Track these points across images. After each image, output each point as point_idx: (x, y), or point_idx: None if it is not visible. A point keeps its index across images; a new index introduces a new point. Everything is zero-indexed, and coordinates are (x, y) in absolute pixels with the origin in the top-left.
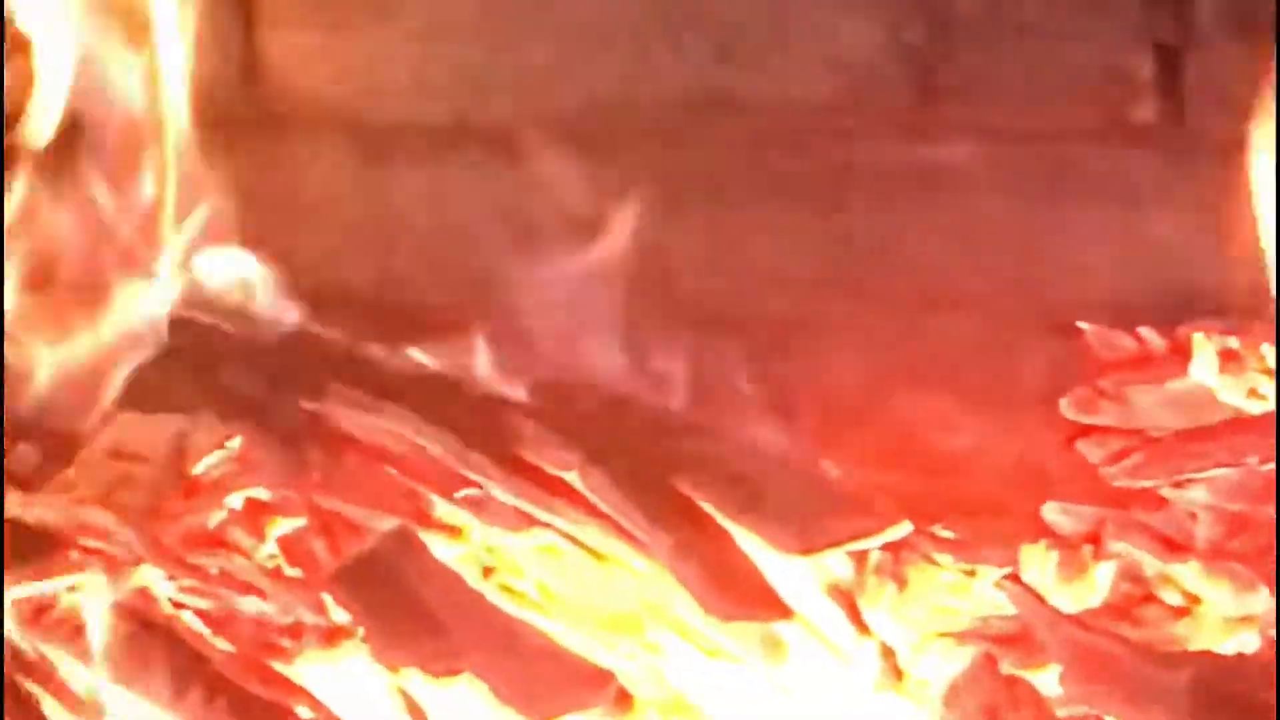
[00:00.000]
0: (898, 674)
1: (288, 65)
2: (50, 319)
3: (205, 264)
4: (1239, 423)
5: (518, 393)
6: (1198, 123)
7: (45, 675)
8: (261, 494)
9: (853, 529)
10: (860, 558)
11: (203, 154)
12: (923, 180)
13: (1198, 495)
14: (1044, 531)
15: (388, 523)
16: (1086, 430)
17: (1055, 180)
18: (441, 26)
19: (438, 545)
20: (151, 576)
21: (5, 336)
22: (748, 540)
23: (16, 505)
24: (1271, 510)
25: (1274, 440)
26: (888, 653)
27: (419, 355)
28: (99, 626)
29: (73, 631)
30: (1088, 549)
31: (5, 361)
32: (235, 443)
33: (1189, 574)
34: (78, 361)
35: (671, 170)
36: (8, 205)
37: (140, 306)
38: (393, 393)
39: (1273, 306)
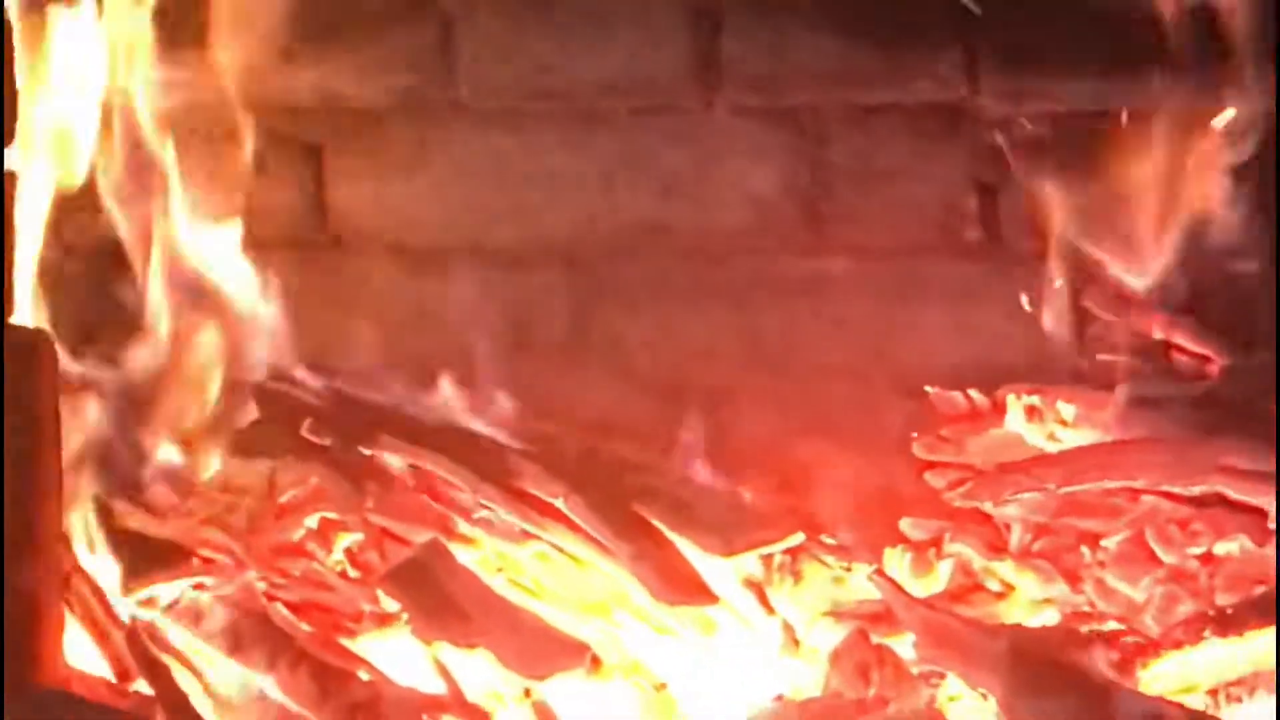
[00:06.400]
0: (795, 643)
1: (347, 204)
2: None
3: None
4: (1042, 459)
5: (516, 441)
6: (1011, 242)
7: (172, 649)
8: (331, 516)
9: (762, 538)
10: (768, 559)
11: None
12: (810, 285)
13: (1011, 511)
14: (901, 539)
15: (424, 536)
16: (932, 465)
17: (907, 284)
18: (460, 176)
19: (460, 553)
20: (251, 577)
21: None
22: (686, 547)
23: (154, 527)
24: (1067, 522)
25: (1066, 470)
26: (788, 628)
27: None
28: (213, 613)
29: (195, 617)
30: (932, 551)
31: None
32: (311, 479)
33: (1006, 569)
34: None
35: (630, 279)
36: None
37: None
38: (426, 441)
39: (1064, 373)
